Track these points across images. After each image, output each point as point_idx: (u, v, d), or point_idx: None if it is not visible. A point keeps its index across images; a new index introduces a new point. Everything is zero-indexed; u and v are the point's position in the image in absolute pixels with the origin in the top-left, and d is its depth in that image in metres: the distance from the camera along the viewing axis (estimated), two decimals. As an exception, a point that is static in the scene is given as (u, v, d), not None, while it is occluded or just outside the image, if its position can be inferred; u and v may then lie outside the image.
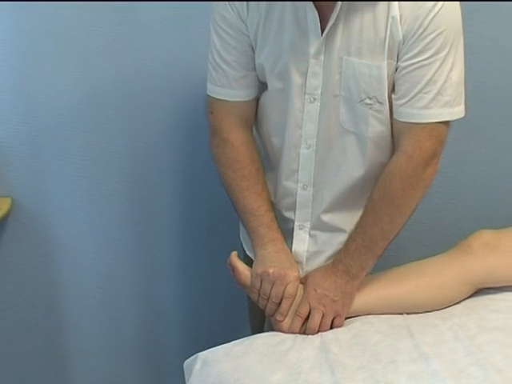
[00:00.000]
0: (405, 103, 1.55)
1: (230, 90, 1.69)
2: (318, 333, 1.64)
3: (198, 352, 1.62)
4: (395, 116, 1.59)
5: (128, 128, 2.13)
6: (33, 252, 2.24)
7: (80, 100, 2.08)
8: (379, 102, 1.57)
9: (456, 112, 1.57)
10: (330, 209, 1.71)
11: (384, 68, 1.53)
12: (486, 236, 1.74)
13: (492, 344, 1.53)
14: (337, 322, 1.65)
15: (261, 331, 1.75)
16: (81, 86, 2.07)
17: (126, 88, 2.09)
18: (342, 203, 1.71)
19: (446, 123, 1.58)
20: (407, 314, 1.68)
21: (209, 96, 1.73)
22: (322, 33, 1.54)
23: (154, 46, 2.06)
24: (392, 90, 1.58)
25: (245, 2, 1.60)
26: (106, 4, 2.00)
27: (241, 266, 1.72)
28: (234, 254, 1.75)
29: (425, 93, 1.53)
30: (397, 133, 1.61)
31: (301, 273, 1.71)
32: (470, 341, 1.55)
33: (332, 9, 1.51)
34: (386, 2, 1.50)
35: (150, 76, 2.09)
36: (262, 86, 1.71)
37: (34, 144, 2.11)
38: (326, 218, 1.72)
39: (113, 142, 2.14)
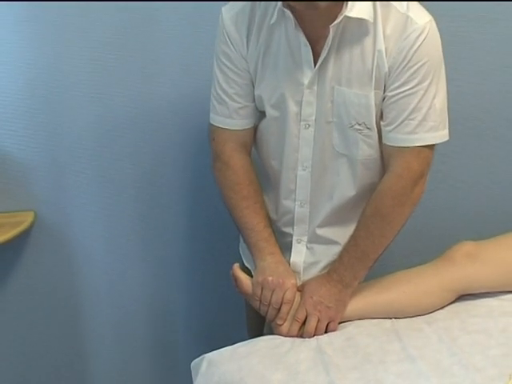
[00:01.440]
0: (393, 129, 1.59)
1: (231, 119, 1.72)
2: (314, 336, 1.67)
3: (204, 353, 1.65)
4: (384, 141, 1.63)
5: (139, 150, 2.17)
6: (54, 260, 2.27)
7: (96, 123, 2.12)
8: (368, 128, 1.61)
9: (440, 136, 1.61)
10: (324, 223, 1.75)
11: (371, 97, 1.57)
12: (467, 247, 1.76)
13: (473, 346, 1.56)
14: (331, 326, 1.68)
15: (257, 335, 1.77)
16: (97, 111, 2.10)
17: (137, 114, 2.13)
18: (335, 218, 1.74)
19: (432, 146, 1.61)
20: (396, 318, 1.70)
21: (211, 124, 1.76)
22: (315, 65, 1.58)
23: (163, 76, 2.09)
24: (380, 116, 1.61)
25: (245, 41, 1.63)
26: (120, 36, 2.04)
27: (243, 277, 1.74)
28: (236, 266, 1.77)
29: (411, 119, 1.57)
30: (387, 155, 1.64)
31: (298, 282, 1.73)
32: (452, 343, 1.58)
33: (324, 43, 1.54)
34: (372, 37, 1.53)
35: (160, 104, 2.12)
36: (261, 115, 1.73)
37: (55, 162, 2.15)
38: (321, 231, 1.75)
39: (125, 161, 2.18)
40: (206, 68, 1.82)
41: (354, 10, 1.51)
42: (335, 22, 1.52)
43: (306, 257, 1.78)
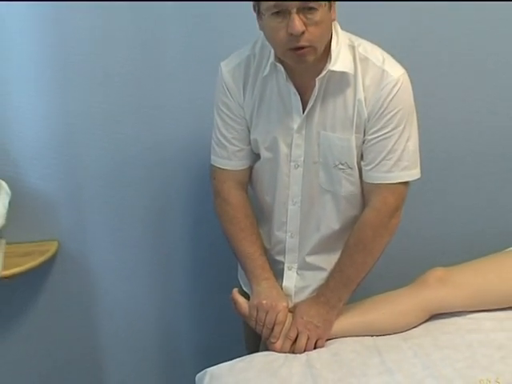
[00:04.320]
0: (371, 168, 1.65)
1: (229, 161, 1.77)
2: (304, 352, 1.71)
3: (207, 367, 1.69)
4: (364, 179, 1.68)
5: (151, 189, 2.20)
6: (76, 287, 2.29)
7: (113, 161, 2.15)
8: (350, 168, 1.66)
9: (413, 174, 1.67)
10: (313, 252, 1.79)
11: (353, 140, 1.64)
12: (439, 272, 1.81)
13: (443, 359, 1.62)
14: (319, 343, 1.73)
15: (254, 351, 1.80)
16: (113, 151, 2.13)
17: (149, 156, 2.16)
18: (322, 248, 1.79)
19: (406, 183, 1.67)
20: (376, 336, 1.75)
21: (212, 165, 1.82)
22: (304, 112, 1.65)
23: (169, 120, 2.12)
24: (360, 157, 1.67)
25: (242, 91, 1.70)
26: (131, 84, 2.06)
27: (241, 300, 1.79)
28: (235, 291, 1.81)
29: (387, 159, 1.63)
30: (366, 192, 1.70)
31: (290, 304, 1.77)
32: (426, 357, 1.63)
33: (311, 93, 1.62)
34: (353, 88, 1.60)
35: (169, 147, 2.16)
36: (256, 157, 1.79)
37: (78, 195, 2.17)
38: (310, 259, 1.80)
39: (139, 199, 2.21)
40: (206, 112, 1.87)
41: (336, 65, 1.59)
42: (321, 75, 1.60)
43: (297, 282, 1.82)
